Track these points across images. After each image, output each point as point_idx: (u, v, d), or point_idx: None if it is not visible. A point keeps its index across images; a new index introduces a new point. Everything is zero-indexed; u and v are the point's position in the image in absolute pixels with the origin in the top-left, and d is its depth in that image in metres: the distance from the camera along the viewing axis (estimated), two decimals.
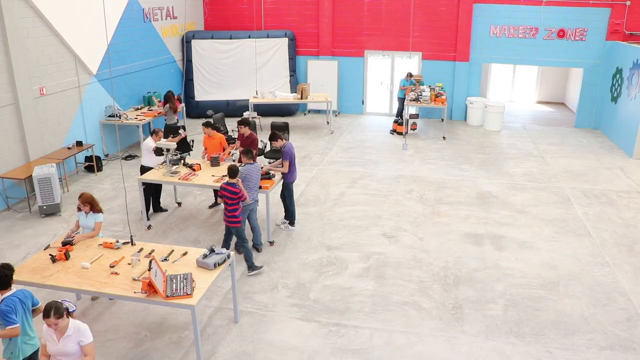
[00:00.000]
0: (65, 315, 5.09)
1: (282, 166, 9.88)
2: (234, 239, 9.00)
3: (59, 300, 5.17)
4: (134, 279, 6.59)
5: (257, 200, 9.25)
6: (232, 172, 8.51)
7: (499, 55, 18.19)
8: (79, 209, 7.74)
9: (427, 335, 7.24)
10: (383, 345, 7.03)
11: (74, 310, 5.28)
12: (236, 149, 11.07)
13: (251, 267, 8.72)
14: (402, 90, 17.44)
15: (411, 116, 16.86)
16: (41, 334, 5.23)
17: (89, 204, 7.65)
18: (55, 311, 5.01)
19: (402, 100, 17.35)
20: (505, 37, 17.86)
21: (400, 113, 17.56)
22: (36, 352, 5.64)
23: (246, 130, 10.91)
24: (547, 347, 7.02)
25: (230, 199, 8.46)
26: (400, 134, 16.72)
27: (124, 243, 7.47)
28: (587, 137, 16.92)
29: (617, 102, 16.31)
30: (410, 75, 17.53)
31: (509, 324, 7.51)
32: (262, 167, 9.73)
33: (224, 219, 8.74)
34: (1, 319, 5.36)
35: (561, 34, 17.41)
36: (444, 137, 16.48)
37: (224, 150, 11.12)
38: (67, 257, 7.04)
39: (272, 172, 9.91)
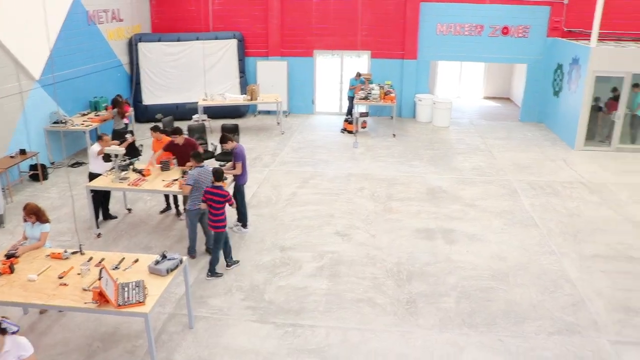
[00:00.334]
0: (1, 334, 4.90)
1: (235, 168, 9.83)
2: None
3: None
4: (84, 289, 6.44)
5: None
6: (218, 174, 8.54)
7: (446, 53, 18.55)
8: (25, 220, 7.54)
9: (382, 331, 7.33)
10: (339, 343, 7.08)
11: (16, 331, 5.04)
12: (174, 158, 10.77)
13: (212, 271, 8.68)
14: (352, 89, 17.58)
15: (361, 114, 17.02)
16: None
17: (34, 214, 7.46)
18: None
19: (351, 99, 17.49)
20: (452, 35, 18.21)
21: (350, 112, 17.69)
22: None
23: (180, 139, 10.59)
24: (498, 336, 7.21)
25: (219, 202, 8.44)
26: (350, 132, 16.84)
27: (72, 253, 7.30)
28: (532, 131, 17.42)
29: (559, 96, 16.85)
30: (359, 74, 17.68)
31: (461, 315, 7.67)
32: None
33: (208, 224, 8.70)
34: None
35: (505, 31, 17.87)
36: (393, 135, 16.68)
37: (173, 154, 10.95)
38: (11, 270, 6.84)
39: (224, 175, 9.83)
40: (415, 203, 11.54)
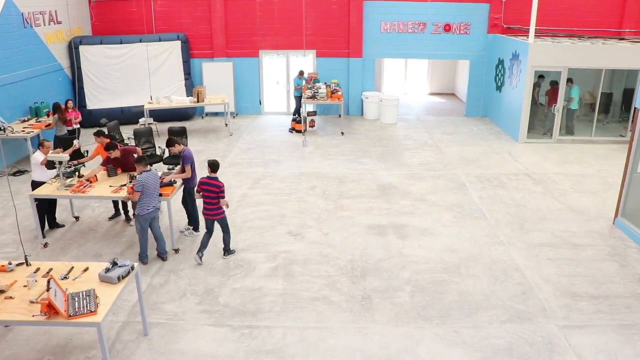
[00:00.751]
0: None
1: (185, 171, 9.69)
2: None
3: None
4: (32, 302, 6.22)
5: (159, 208, 9.04)
6: (215, 166, 8.96)
7: (390, 50, 18.80)
8: None
9: (339, 328, 7.37)
10: (296, 343, 7.08)
11: None
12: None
13: (227, 250, 9.32)
14: (297, 89, 17.59)
15: (309, 113, 17.06)
16: None
17: None
18: None
19: (298, 99, 17.51)
20: (396, 33, 18.46)
21: (297, 111, 17.70)
22: None
23: (116, 153, 10.13)
24: (453, 327, 7.34)
25: (214, 192, 8.83)
26: (299, 131, 16.85)
27: (17, 264, 7.05)
28: (477, 125, 17.83)
29: (502, 90, 17.30)
30: (301, 72, 17.68)
31: (416, 309, 7.79)
32: (161, 175, 9.56)
33: (204, 213, 9.01)
34: None
35: (447, 28, 18.24)
36: (342, 133, 16.79)
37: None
38: None
39: (173, 179, 9.68)
40: (366, 200, 11.65)
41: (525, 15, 16.53)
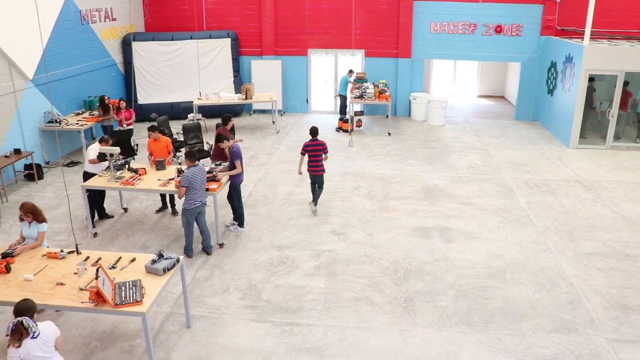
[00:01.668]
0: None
1: (235, 168, 9.77)
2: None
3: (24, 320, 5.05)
4: (81, 289, 6.41)
5: (205, 203, 9.15)
6: (315, 132, 10.95)
7: (440, 51, 18.58)
8: (22, 219, 7.49)
9: (380, 330, 7.33)
10: (337, 342, 7.07)
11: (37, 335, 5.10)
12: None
13: (315, 201, 10.91)
14: (345, 88, 17.54)
15: (356, 113, 17.01)
16: None
17: (31, 213, 7.41)
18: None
19: (344, 98, 17.47)
20: (446, 34, 18.23)
21: (343, 110, 17.67)
22: None
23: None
24: (496, 334, 7.21)
25: (319, 150, 10.73)
26: (345, 131, 16.82)
27: (69, 252, 7.26)
28: (527, 129, 17.46)
29: (553, 94, 16.90)
30: (351, 71, 17.64)
31: (459, 313, 7.67)
32: (214, 169, 9.75)
33: (310, 170, 10.84)
34: None
35: (498, 29, 17.91)
36: (389, 133, 16.69)
37: (169, 153, 10.93)
38: (8, 269, 6.80)
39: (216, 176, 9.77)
40: (412, 201, 11.55)
41: (580, 16, 16.12)
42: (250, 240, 9.84)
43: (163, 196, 11.12)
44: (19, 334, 4.96)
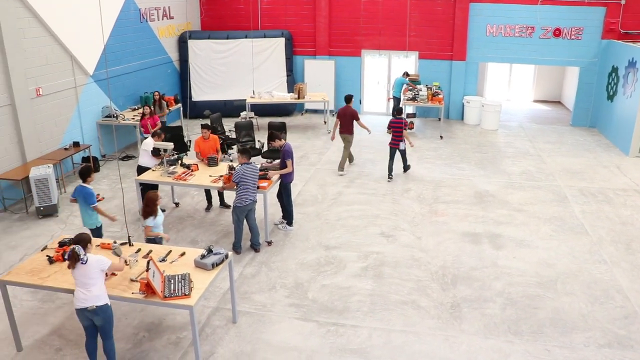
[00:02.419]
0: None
1: (286, 166, 9.83)
2: None
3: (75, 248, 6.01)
4: (132, 280, 6.57)
5: (256, 201, 9.24)
6: (400, 110, 13.25)
7: (495, 55, 18.24)
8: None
9: (425, 334, 7.25)
10: (382, 345, 7.03)
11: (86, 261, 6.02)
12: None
13: (406, 168, 13.11)
14: (399, 89, 17.42)
15: (408, 115, 16.87)
16: None
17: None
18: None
19: (397, 100, 17.36)
20: (502, 36, 17.89)
21: (395, 112, 17.51)
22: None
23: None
24: (545, 345, 7.03)
25: (400, 128, 12.67)
26: None
27: (121, 244, 7.45)
28: (584, 136, 16.96)
29: (614, 100, 16.35)
30: (406, 73, 17.53)
31: (507, 322, 7.52)
32: (266, 167, 9.92)
33: (391, 144, 12.81)
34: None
35: (557, 33, 17.46)
36: (441, 136, 16.49)
37: (217, 152, 11.03)
38: (64, 258, 7.02)
39: (267, 174, 9.86)
40: (462, 206, 11.38)
41: None
42: (299, 239, 9.88)
43: (208, 194, 11.24)
44: (73, 259, 5.96)
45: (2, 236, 10.10)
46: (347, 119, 13.17)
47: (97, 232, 8.53)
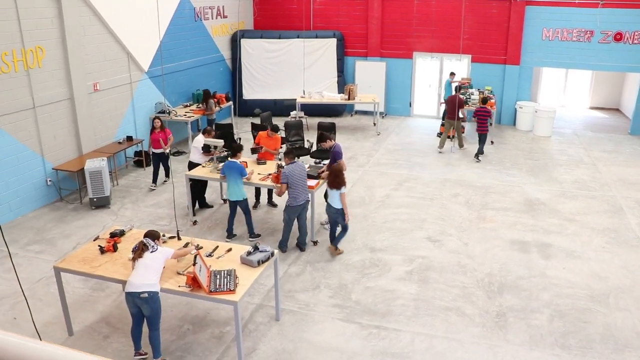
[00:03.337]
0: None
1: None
2: None
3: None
4: (179, 273, 6.69)
5: (309, 200, 9.29)
6: (485, 100, 14.70)
7: (551, 59, 17.78)
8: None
9: (469, 342, 7.13)
10: (424, 350, 6.95)
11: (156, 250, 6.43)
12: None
13: (479, 154, 14.29)
14: (449, 91, 17.18)
15: (458, 119, 16.62)
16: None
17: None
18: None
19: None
20: (558, 41, 17.44)
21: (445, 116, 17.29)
22: None
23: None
24: None
25: (485, 116, 14.18)
26: (448, 137, 16.46)
27: (170, 237, 7.60)
28: None
29: None
30: (453, 74, 17.20)
31: (554, 335, 7.32)
32: (317, 168, 10.06)
33: (478, 130, 14.39)
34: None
35: (618, 37, 16.89)
36: (492, 142, 16.18)
37: (275, 149, 11.21)
38: (115, 249, 7.21)
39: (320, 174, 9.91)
40: (512, 213, 11.15)
41: None
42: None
43: (257, 192, 11.35)
44: (141, 249, 6.35)
45: (57, 225, 10.44)
46: (453, 105, 14.82)
47: (244, 203, 9.48)
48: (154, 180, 12.23)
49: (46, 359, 1.16)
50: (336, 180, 8.91)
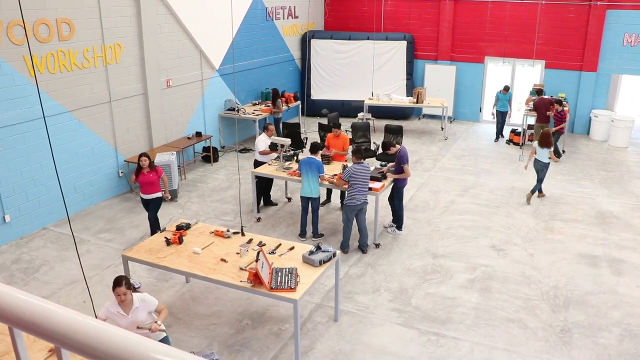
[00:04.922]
0: (131, 290, 5.48)
1: (403, 171, 9.79)
2: None
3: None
4: (241, 268, 6.80)
5: (367, 202, 9.27)
6: (560, 102, 14.27)
7: (632, 66, 16.97)
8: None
9: (530, 356, 6.93)
10: None
11: (139, 287, 5.82)
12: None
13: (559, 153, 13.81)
14: (503, 104, 16.43)
15: (529, 127, 16.19)
16: None
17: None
18: (126, 282, 5.45)
19: (502, 114, 16.40)
20: None
21: (500, 131, 16.64)
22: None
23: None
24: None
25: (562, 119, 14.13)
26: (516, 144, 16.08)
27: (234, 233, 7.73)
28: None
29: None
30: (507, 88, 16.45)
31: (624, 356, 6.99)
32: (383, 169, 10.12)
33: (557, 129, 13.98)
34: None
35: None
36: (563, 151, 15.63)
37: (344, 150, 11.24)
38: (180, 241, 7.40)
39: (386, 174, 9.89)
40: (581, 226, 10.75)
41: None
42: (407, 244, 9.79)
43: (329, 190, 11.43)
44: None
45: (127, 215, 10.82)
46: (545, 108, 14.85)
47: (317, 201, 9.72)
48: (153, 232, 9.18)
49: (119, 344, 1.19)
50: (548, 140, 11.45)
